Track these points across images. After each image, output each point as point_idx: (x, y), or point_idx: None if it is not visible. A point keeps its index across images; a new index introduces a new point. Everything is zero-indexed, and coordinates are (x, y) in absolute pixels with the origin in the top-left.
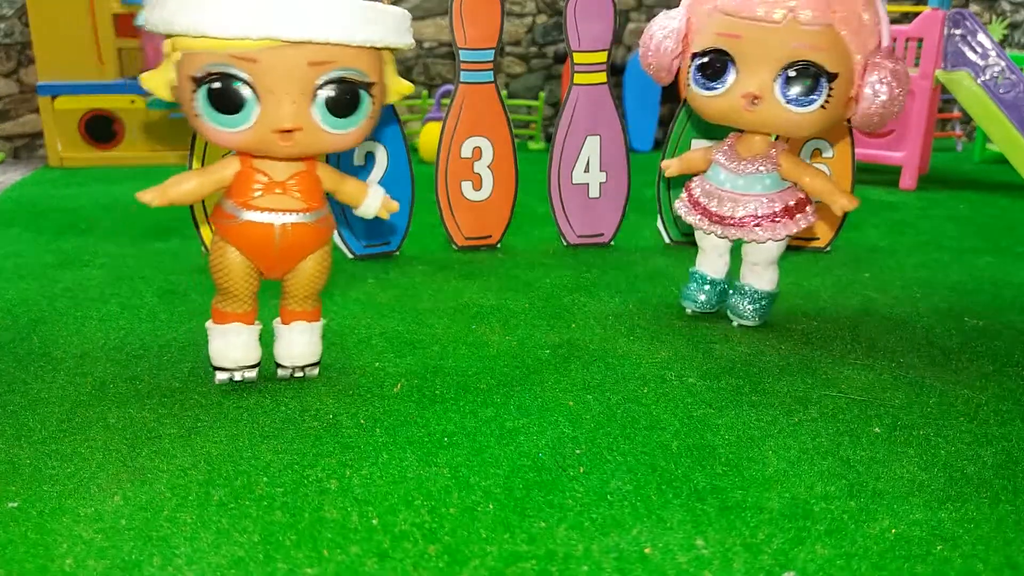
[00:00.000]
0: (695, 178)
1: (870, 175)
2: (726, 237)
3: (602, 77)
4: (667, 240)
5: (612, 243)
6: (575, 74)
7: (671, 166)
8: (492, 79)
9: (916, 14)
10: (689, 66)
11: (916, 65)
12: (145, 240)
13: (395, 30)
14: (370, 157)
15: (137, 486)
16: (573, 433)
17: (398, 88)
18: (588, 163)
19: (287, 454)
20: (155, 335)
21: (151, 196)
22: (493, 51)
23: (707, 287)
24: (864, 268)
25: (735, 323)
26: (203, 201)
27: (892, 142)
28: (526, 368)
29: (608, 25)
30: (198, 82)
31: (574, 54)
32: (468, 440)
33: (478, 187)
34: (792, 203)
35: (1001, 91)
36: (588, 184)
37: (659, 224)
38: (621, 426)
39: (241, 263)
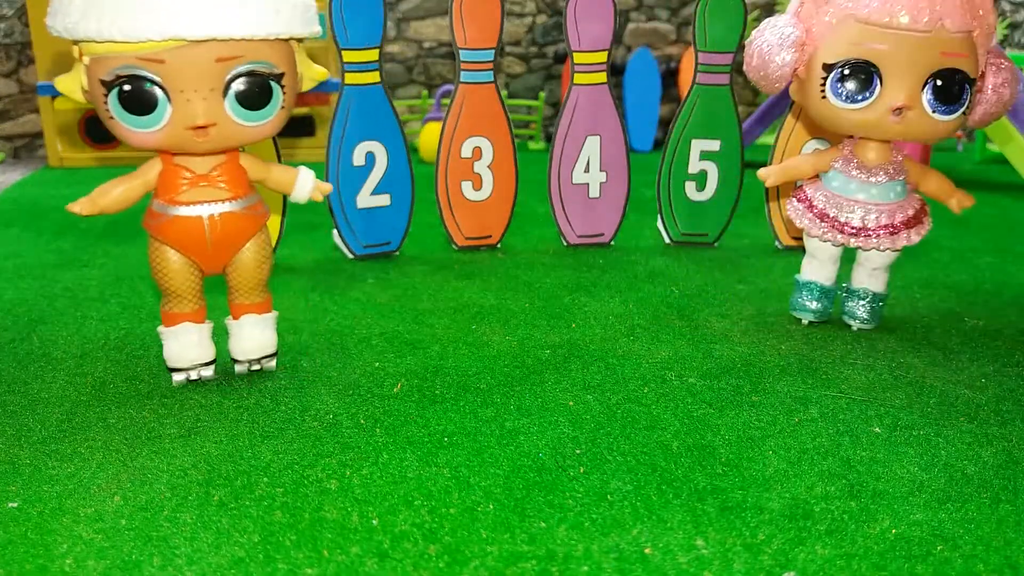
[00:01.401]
0: (808, 185)
1: None
2: (847, 245)
3: (602, 77)
4: (667, 240)
5: (612, 243)
6: (575, 74)
7: (771, 176)
8: (492, 79)
9: None
10: (824, 78)
11: None
12: (145, 240)
13: (300, 20)
14: (370, 157)
15: (137, 486)
16: (573, 433)
17: (311, 75)
18: (588, 163)
19: (287, 454)
20: (155, 335)
21: (80, 206)
22: (493, 51)
23: (820, 296)
24: None
25: (854, 327)
26: None
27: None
28: (526, 368)
29: (608, 25)
30: (108, 85)
31: (574, 54)
32: (468, 440)
33: (478, 187)
34: (919, 207)
35: None
36: (588, 184)
37: (659, 224)
38: (621, 426)
39: (179, 261)
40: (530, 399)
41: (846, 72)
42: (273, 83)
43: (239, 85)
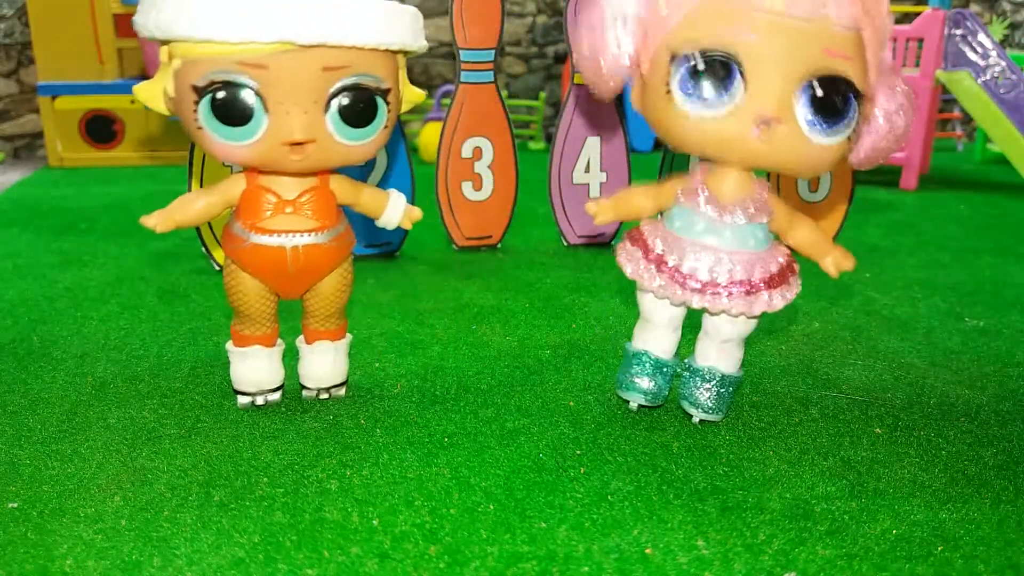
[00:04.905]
0: (646, 225)
1: (870, 175)
2: (689, 305)
3: None
4: None
5: (612, 243)
6: (576, 74)
7: (602, 211)
8: (492, 79)
9: (916, 14)
10: (669, 74)
11: (917, 65)
12: (145, 240)
13: (411, 31)
14: None
15: (137, 486)
16: (574, 433)
17: (410, 96)
18: (588, 163)
19: (287, 455)
20: (155, 335)
21: (155, 221)
22: (493, 51)
23: (655, 372)
24: (864, 268)
25: (696, 419)
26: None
27: None
28: (526, 368)
29: None
30: (200, 92)
31: None
32: (469, 440)
33: (478, 187)
34: (786, 263)
35: (1002, 91)
36: (588, 184)
37: None
38: (621, 426)
39: (255, 286)
40: (530, 399)
41: (699, 66)
42: (379, 98)
43: (344, 99)
